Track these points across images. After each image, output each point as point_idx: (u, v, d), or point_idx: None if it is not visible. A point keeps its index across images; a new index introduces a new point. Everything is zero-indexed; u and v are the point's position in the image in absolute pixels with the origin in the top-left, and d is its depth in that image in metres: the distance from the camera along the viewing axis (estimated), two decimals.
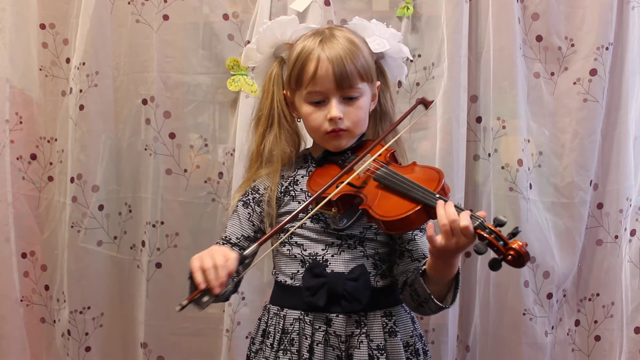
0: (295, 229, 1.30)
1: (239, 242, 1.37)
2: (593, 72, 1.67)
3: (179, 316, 1.86)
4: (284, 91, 1.38)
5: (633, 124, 1.73)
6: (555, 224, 1.73)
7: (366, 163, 1.27)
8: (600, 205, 1.75)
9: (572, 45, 1.70)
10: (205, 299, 1.11)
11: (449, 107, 1.70)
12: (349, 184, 1.25)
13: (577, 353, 1.78)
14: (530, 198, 1.71)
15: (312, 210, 1.25)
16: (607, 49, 1.67)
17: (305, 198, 1.34)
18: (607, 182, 1.74)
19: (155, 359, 1.87)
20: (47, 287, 1.91)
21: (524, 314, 1.71)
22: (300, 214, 1.23)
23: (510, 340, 1.74)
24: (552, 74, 1.72)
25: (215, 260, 1.11)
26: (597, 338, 1.77)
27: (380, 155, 1.29)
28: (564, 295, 1.77)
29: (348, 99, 1.31)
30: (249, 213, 1.39)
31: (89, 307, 1.85)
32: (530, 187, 1.72)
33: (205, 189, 1.84)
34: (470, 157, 1.77)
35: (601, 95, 1.68)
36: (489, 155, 1.74)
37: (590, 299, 1.77)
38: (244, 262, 1.21)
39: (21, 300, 1.87)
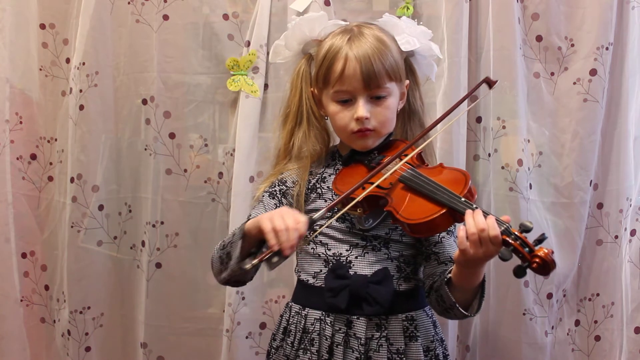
0: (321, 229, 1.29)
1: None
2: (593, 72, 1.67)
3: (179, 316, 1.86)
4: (312, 88, 1.37)
5: (633, 124, 1.73)
6: (555, 224, 1.73)
7: (395, 167, 1.25)
8: (600, 205, 1.75)
9: (572, 45, 1.70)
10: (275, 259, 1.11)
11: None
12: (376, 185, 1.24)
13: (577, 353, 1.78)
14: (530, 198, 1.71)
15: (339, 211, 1.24)
16: (607, 49, 1.67)
17: (332, 196, 1.33)
18: (607, 182, 1.74)
19: (155, 359, 1.87)
20: (47, 287, 1.91)
21: (524, 314, 1.71)
22: (327, 214, 1.22)
23: (510, 340, 1.74)
24: (552, 74, 1.72)
25: (286, 222, 1.11)
26: (597, 338, 1.77)
27: (407, 155, 1.28)
28: (564, 295, 1.77)
29: (375, 99, 1.30)
30: (275, 204, 1.37)
31: (89, 307, 1.85)
32: (530, 187, 1.72)
33: (205, 189, 1.84)
34: (470, 157, 1.76)
35: (601, 95, 1.68)
36: (489, 155, 1.74)
37: (590, 299, 1.77)
38: (314, 225, 1.20)
39: (21, 300, 1.87)
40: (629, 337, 1.74)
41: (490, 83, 1.38)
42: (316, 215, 1.17)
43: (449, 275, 1.21)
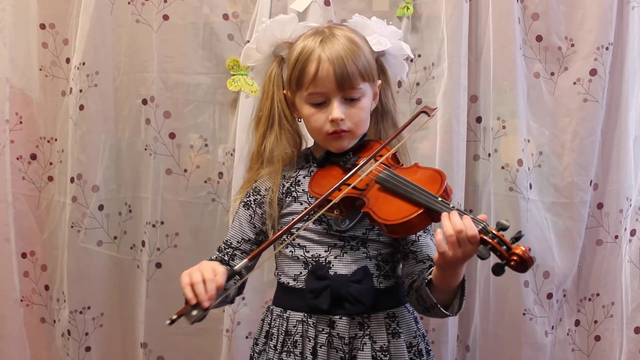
0: (299, 232, 1.30)
1: (239, 245, 1.37)
2: (593, 72, 1.67)
3: None
4: (284, 91, 1.37)
5: (633, 124, 1.73)
6: (555, 224, 1.73)
7: (370, 168, 1.26)
8: (600, 205, 1.75)
9: (572, 45, 1.70)
10: (195, 312, 1.12)
11: (449, 107, 1.70)
12: (352, 187, 1.24)
13: (577, 353, 1.78)
14: (530, 198, 1.71)
15: (316, 214, 1.24)
16: (607, 49, 1.67)
17: (307, 199, 1.33)
18: (607, 182, 1.74)
19: (155, 359, 1.87)
20: (47, 287, 1.91)
21: (524, 314, 1.71)
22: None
23: (510, 340, 1.74)
24: (552, 74, 1.72)
25: (204, 274, 1.13)
26: (597, 338, 1.77)
27: (381, 156, 1.28)
28: (564, 295, 1.77)
29: (350, 100, 1.29)
30: (250, 215, 1.38)
31: (89, 307, 1.85)
32: (530, 187, 1.72)
33: (205, 189, 1.84)
34: (470, 157, 1.77)
35: (601, 95, 1.68)
36: (489, 155, 1.74)
37: (590, 299, 1.77)
38: (235, 276, 1.22)
39: (21, 300, 1.87)
40: (629, 337, 1.74)
41: (428, 112, 1.37)
42: (237, 266, 1.19)
43: (429, 276, 1.21)
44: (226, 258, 1.37)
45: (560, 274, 1.73)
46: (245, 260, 1.20)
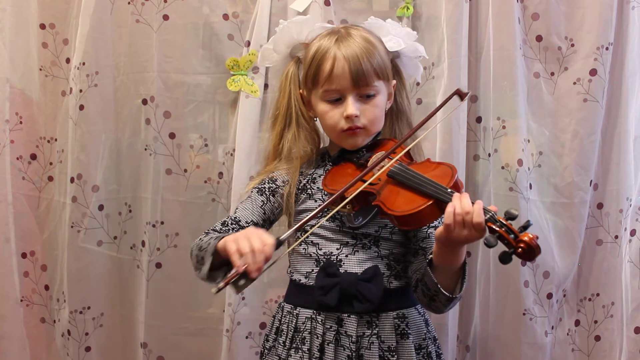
0: (313, 229, 1.30)
1: (246, 225, 1.37)
2: (593, 72, 1.67)
3: (179, 316, 1.86)
4: (300, 90, 1.39)
5: (633, 124, 1.73)
6: (555, 224, 1.73)
7: (387, 165, 1.27)
8: (600, 205, 1.75)
9: (572, 45, 1.70)
10: (242, 282, 1.10)
11: (449, 107, 1.70)
12: (365, 182, 1.25)
13: (577, 353, 1.78)
14: (530, 198, 1.71)
15: (331, 210, 1.25)
16: (607, 49, 1.67)
17: (322, 196, 1.35)
18: (607, 182, 1.74)
19: (155, 359, 1.87)
20: (47, 287, 1.91)
21: (524, 314, 1.71)
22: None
23: (510, 340, 1.73)
24: (552, 74, 1.72)
25: (252, 244, 1.10)
26: (597, 338, 1.77)
27: (395, 153, 1.30)
28: (564, 295, 1.77)
29: (365, 97, 1.32)
30: (262, 201, 1.39)
31: (89, 307, 1.85)
32: (530, 187, 1.72)
33: (205, 189, 1.84)
34: (470, 157, 1.77)
35: (601, 95, 1.68)
36: (489, 155, 1.74)
37: (590, 299, 1.77)
38: (280, 246, 1.20)
39: (21, 300, 1.87)
40: (629, 337, 1.74)
41: (461, 95, 1.39)
42: (284, 235, 1.17)
43: (430, 256, 1.22)
44: (230, 233, 1.36)
45: (560, 274, 1.73)
46: (292, 230, 1.19)
